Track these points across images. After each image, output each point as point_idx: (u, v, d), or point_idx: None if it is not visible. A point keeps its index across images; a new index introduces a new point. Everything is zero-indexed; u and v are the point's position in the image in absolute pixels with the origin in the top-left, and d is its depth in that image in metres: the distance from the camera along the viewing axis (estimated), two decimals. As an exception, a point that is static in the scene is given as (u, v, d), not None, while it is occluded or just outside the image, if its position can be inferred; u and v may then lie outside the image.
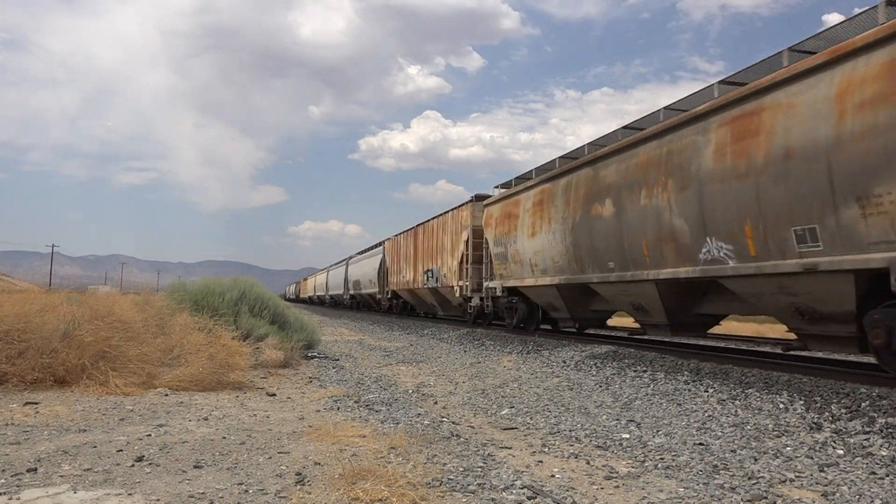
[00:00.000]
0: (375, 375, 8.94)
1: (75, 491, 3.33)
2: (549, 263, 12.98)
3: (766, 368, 8.05)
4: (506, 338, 14.40)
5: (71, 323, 7.06)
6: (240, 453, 4.25)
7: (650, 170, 9.47)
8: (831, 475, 4.04)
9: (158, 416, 5.44)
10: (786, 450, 4.70)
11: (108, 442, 4.43)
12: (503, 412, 6.21)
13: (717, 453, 4.59)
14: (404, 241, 26.86)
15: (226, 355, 7.54)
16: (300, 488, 3.48)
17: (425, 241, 23.44)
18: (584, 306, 12.95)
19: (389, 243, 29.94)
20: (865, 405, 5.71)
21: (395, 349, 13.64)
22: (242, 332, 9.11)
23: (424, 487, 3.52)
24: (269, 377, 8.33)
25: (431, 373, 9.57)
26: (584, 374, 8.88)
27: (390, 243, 29.70)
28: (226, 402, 6.35)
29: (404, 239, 26.93)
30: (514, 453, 4.53)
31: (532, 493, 3.50)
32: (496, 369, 9.79)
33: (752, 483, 3.85)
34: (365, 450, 4.37)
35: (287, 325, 11.09)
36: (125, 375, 6.67)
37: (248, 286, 10.99)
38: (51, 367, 6.65)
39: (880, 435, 4.92)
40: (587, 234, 11.33)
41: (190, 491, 3.40)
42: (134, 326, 7.73)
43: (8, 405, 5.66)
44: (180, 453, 4.20)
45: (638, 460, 4.41)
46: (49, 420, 5.11)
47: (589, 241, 11.31)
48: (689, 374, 7.99)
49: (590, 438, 5.06)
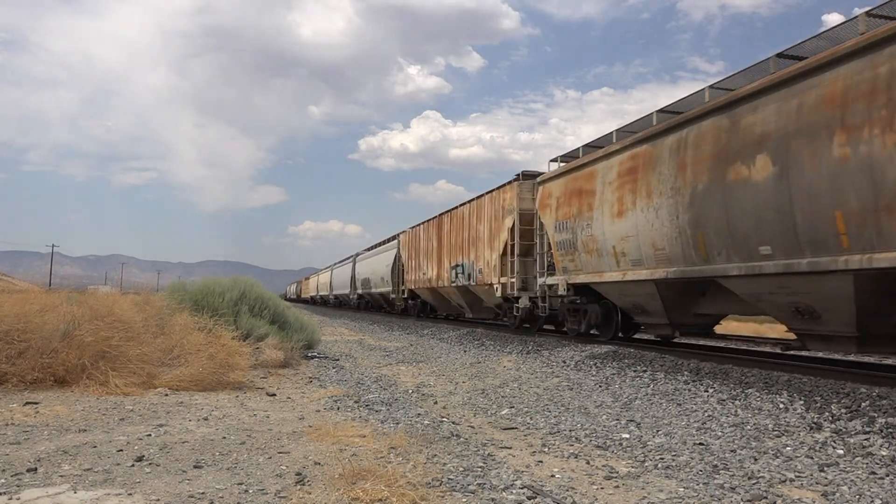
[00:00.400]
0: (375, 375, 8.94)
1: (75, 491, 3.33)
2: (648, 251, 9.93)
3: (766, 368, 8.05)
4: (506, 338, 14.40)
5: (71, 323, 7.06)
6: (240, 453, 4.25)
7: (854, 103, 6.41)
8: (831, 475, 4.04)
9: (158, 416, 5.44)
10: (786, 450, 4.71)
11: (108, 442, 4.43)
12: (503, 412, 6.21)
13: (717, 453, 4.59)
14: (425, 234, 23.56)
15: (226, 355, 7.54)
16: (300, 488, 3.48)
17: (453, 231, 20.21)
18: (689, 309, 10.21)
19: (406, 236, 26.70)
20: (865, 405, 5.71)
21: (395, 349, 13.64)
22: (242, 332, 9.11)
23: (424, 487, 3.52)
24: (269, 377, 8.33)
25: (431, 373, 9.57)
26: (584, 374, 8.88)
27: (406, 236, 26.54)
28: (226, 402, 6.35)
29: (424, 230, 23.70)
30: (514, 453, 4.53)
31: (532, 493, 3.50)
32: (496, 369, 9.79)
33: (752, 483, 3.85)
34: (365, 450, 4.37)
35: (287, 325, 11.10)
36: (125, 375, 6.67)
37: (248, 286, 10.99)
38: (51, 367, 6.65)
39: (880, 435, 4.92)
40: (719, 207, 8.26)
41: (190, 491, 3.40)
42: (134, 326, 7.73)
43: (8, 405, 5.66)
44: (180, 453, 4.20)
45: (638, 460, 4.41)
46: (49, 420, 5.11)
47: (722, 218, 8.22)
48: (689, 374, 7.99)
49: (590, 438, 5.06)
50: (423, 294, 24.38)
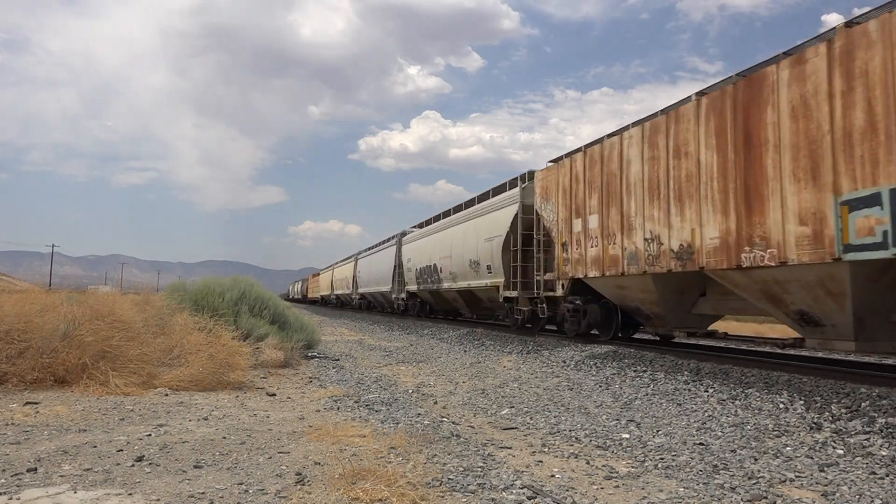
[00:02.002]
0: (375, 375, 8.94)
1: (75, 491, 3.33)
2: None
3: (766, 368, 8.05)
4: (506, 338, 14.40)
5: (71, 323, 7.06)
6: (240, 453, 4.25)
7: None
8: (831, 475, 4.04)
9: (158, 416, 5.44)
10: (786, 450, 4.71)
11: (108, 442, 4.43)
12: (503, 412, 6.21)
13: (717, 453, 4.59)
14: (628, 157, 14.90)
15: (226, 355, 7.54)
16: (300, 488, 3.48)
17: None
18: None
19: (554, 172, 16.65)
20: (865, 405, 5.71)
21: (395, 349, 13.64)
22: (242, 332, 9.12)
23: (424, 487, 3.52)
24: (269, 377, 8.33)
25: (431, 373, 9.57)
26: (584, 374, 8.88)
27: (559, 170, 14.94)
28: (226, 401, 6.35)
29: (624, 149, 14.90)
30: (514, 453, 4.53)
31: (532, 493, 3.50)
32: (496, 369, 9.79)
33: (752, 483, 3.85)
34: (365, 450, 4.37)
35: (287, 325, 11.10)
36: (125, 375, 6.67)
37: (248, 286, 11.00)
38: (51, 366, 6.65)
39: (880, 435, 4.92)
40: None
41: (190, 491, 3.40)
42: (134, 326, 7.74)
43: (8, 405, 5.66)
44: (180, 453, 4.20)
45: (638, 460, 4.41)
46: (49, 420, 5.11)
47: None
48: (689, 374, 7.99)
49: (590, 438, 5.06)
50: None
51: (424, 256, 22.42)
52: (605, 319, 11.95)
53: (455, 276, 18.99)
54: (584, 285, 11.97)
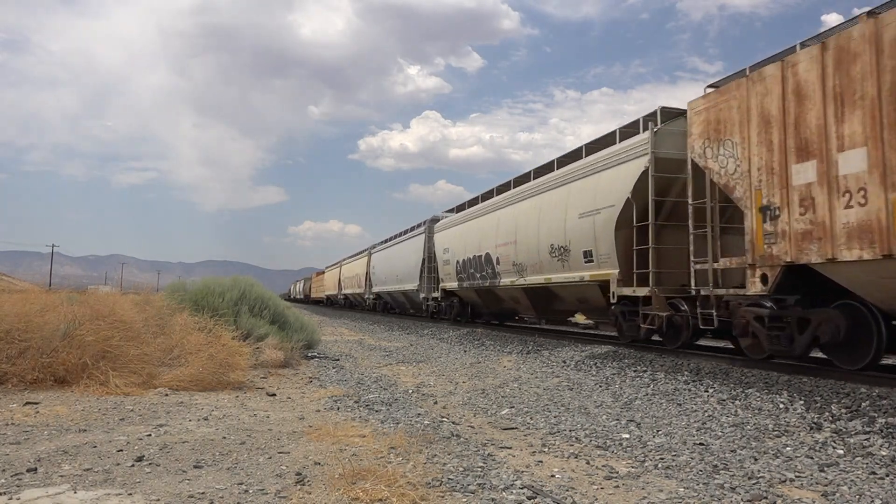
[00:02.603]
0: (375, 375, 8.94)
1: (75, 491, 3.33)
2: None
3: (766, 368, 8.05)
4: (506, 338, 14.40)
5: (71, 323, 7.06)
6: (240, 453, 4.25)
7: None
8: (831, 475, 4.04)
9: (158, 416, 5.44)
10: (786, 450, 4.71)
11: (108, 442, 4.43)
12: (503, 412, 6.21)
13: (717, 453, 4.59)
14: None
15: (226, 355, 7.54)
16: (300, 488, 3.48)
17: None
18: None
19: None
20: (865, 405, 5.71)
21: (395, 349, 13.64)
22: (242, 332, 9.12)
23: (424, 487, 3.52)
24: (269, 377, 8.33)
25: (431, 373, 9.57)
26: (584, 374, 8.88)
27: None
28: (226, 401, 6.35)
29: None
30: (514, 453, 4.53)
31: (532, 493, 3.50)
32: (496, 369, 9.79)
33: (752, 483, 3.85)
34: (365, 450, 4.37)
35: (287, 325, 11.10)
36: (125, 375, 6.68)
37: (248, 286, 11.00)
38: (51, 366, 6.65)
39: (880, 435, 4.92)
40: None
41: (190, 491, 3.40)
42: (134, 326, 7.74)
43: (8, 405, 5.66)
44: (180, 453, 4.20)
45: (638, 460, 4.41)
46: (49, 420, 5.11)
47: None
48: (689, 374, 7.99)
49: (590, 438, 5.05)
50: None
51: (470, 245, 17.83)
52: (849, 334, 7.26)
53: (523, 269, 14.52)
54: (805, 276, 7.51)
